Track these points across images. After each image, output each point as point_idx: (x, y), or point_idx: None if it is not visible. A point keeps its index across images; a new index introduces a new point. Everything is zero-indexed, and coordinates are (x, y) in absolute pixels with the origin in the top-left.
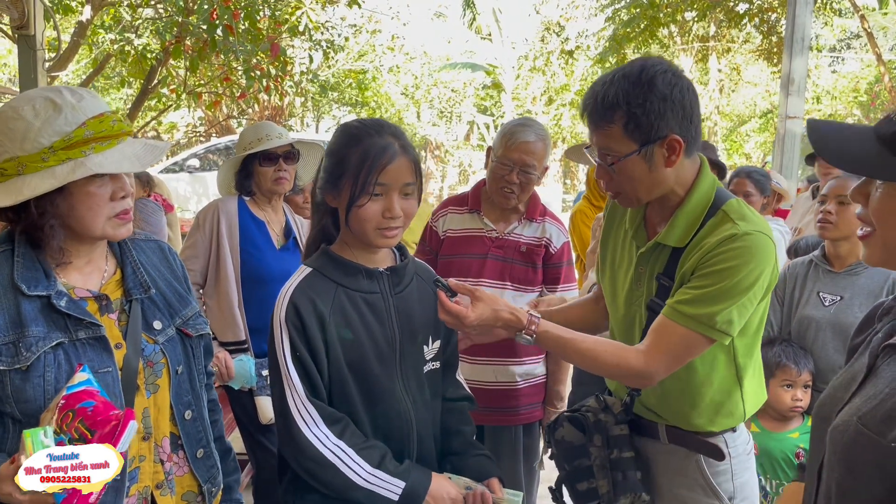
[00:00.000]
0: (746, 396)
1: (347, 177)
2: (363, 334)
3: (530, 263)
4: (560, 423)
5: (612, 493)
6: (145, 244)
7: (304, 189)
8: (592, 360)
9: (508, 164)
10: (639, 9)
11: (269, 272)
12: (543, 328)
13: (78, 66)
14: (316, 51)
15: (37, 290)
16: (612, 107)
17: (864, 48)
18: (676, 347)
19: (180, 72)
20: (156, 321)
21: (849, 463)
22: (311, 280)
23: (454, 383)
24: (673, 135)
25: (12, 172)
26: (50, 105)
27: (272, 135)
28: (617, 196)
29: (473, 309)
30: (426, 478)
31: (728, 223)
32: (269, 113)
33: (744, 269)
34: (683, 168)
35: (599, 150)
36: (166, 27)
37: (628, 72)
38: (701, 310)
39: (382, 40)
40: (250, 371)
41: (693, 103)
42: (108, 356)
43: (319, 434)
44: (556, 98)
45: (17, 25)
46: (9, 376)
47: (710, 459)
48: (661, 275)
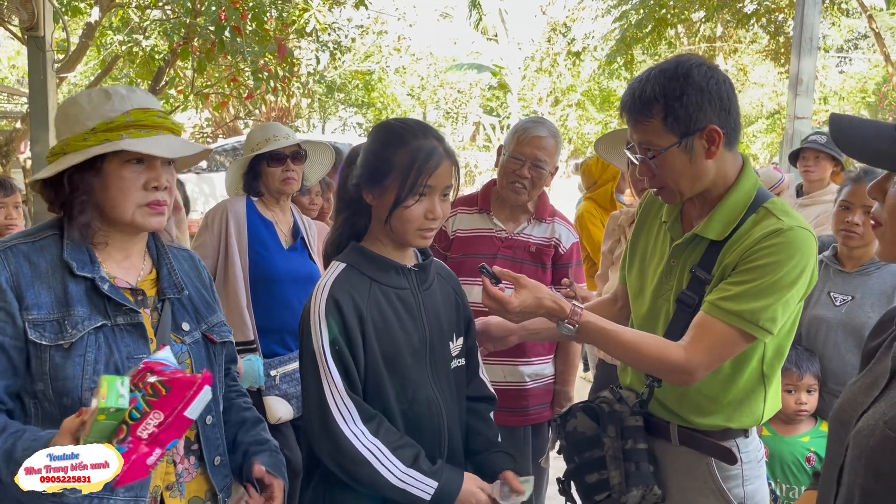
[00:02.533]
0: (768, 398)
1: (394, 176)
2: (398, 329)
3: (540, 263)
4: (573, 413)
5: (625, 484)
6: (178, 252)
7: (310, 190)
8: (634, 352)
9: (520, 158)
10: (645, 9)
11: (278, 272)
12: (586, 318)
13: (86, 68)
14: (323, 52)
15: (83, 272)
16: (650, 101)
17: (872, 48)
18: (717, 344)
19: (188, 73)
20: (184, 322)
21: (875, 467)
22: (348, 275)
23: (477, 382)
24: (712, 125)
25: (59, 152)
26: (103, 94)
27: (279, 135)
28: (660, 192)
29: (517, 295)
30: (458, 478)
31: (772, 218)
32: (276, 114)
33: (787, 264)
34: (725, 162)
35: (640, 145)
36: (174, 28)
37: (664, 67)
38: (744, 306)
39: (389, 41)
40: (259, 371)
41: (730, 95)
42: (144, 343)
43: (357, 431)
44: (562, 99)
45: (26, 27)
46: (49, 353)
47: (722, 463)
48: (697, 266)
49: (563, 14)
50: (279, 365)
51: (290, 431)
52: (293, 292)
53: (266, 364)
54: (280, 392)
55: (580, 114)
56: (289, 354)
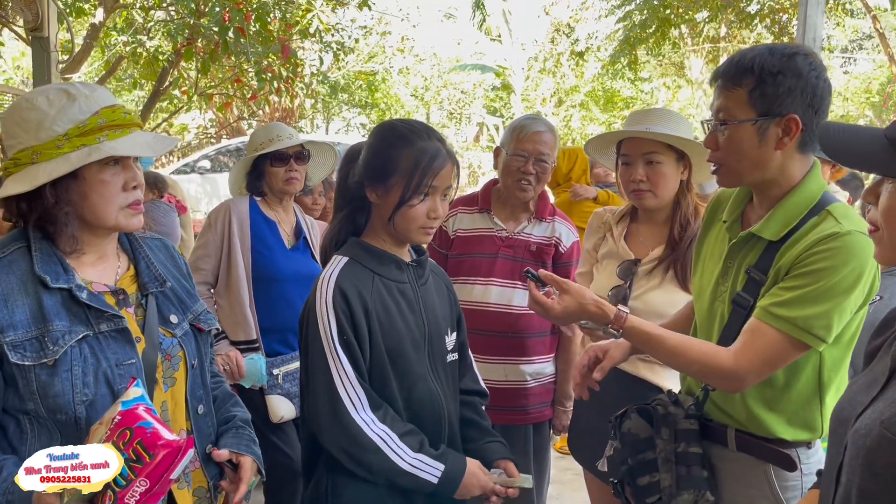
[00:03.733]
0: (826, 411)
1: (398, 176)
2: (400, 322)
3: (540, 263)
4: (628, 414)
5: (675, 487)
6: (151, 241)
7: (313, 190)
8: (681, 357)
9: (524, 154)
10: (649, 9)
11: (280, 272)
12: (631, 323)
13: (90, 68)
14: (326, 52)
15: (58, 283)
16: (746, 70)
17: (876, 49)
18: (768, 351)
19: (192, 73)
20: (172, 315)
21: (871, 467)
22: (351, 268)
23: (471, 377)
24: (793, 115)
25: (26, 161)
26: (64, 95)
27: (283, 136)
28: (718, 171)
29: (560, 301)
30: (462, 462)
31: (831, 221)
32: (279, 114)
33: (843, 269)
34: (793, 160)
35: (717, 112)
36: (178, 29)
37: (774, 46)
38: (797, 312)
39: (392, 42)
40: (261, 370)
41: (825, 95)
42: (130, 348)
43: (367, 418)
44: (565, 99)
45: (31, 28)
46: (34, 372)
47: (781, 471)
48: (753, 268)
49: (566, 14)
50: (281, 364)
51: (292, 430)
52: (296, 292)
53: (268, 363)
54: (282, 391)
55: (584, 114)
56: (291, 353)
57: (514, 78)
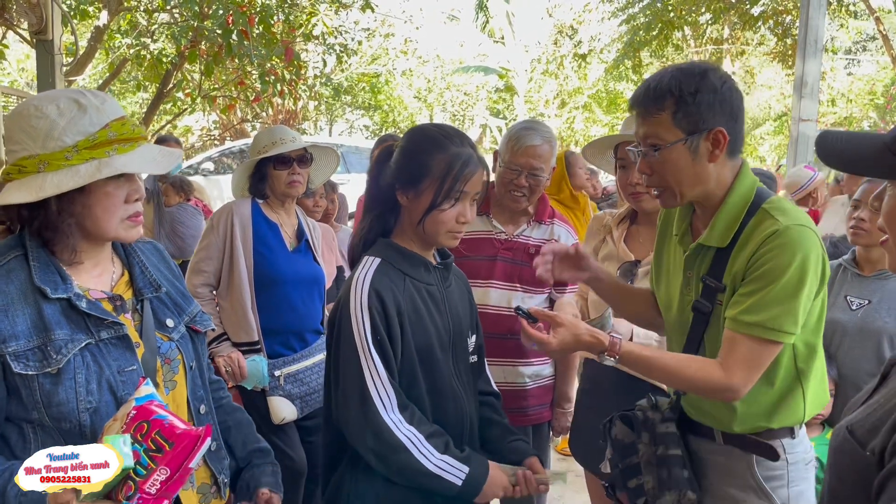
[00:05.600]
0: (808, 396)
1: (431, 180)
2: (429, 323)
3: None
4: (613, 421)
5: (658, 488)
6: (143, 245)
7: (315, 192)
8: (678, 376)
9: (516, 168)
10: (652, 12)
11: (282, 274)
12: (626, 348)
13: (95, 71)
14: (329, 55)
15: (58, 293)
16: (664, 94)
17: (880, 50)
18: (750, 358)
19: (195, 76)
20: (168, 319)
21: (837, 469)
22: (385, 269)
23: (485, 379)
24: (719, 128)
25: (32, 170)
26: (74, 105)
27: (286, 138)
28: (660, 195)
29: (555, 335)
30: (485, 464)
31: (769, 220)
32: (282, 117)
33: (791, 265)
34: (724, 168)
35: (645, 139)
36: (182, 32)
37: (682, 66)
38: (763, 315)
39: (395, 44)
40: (263, 371)
41: (739, 105)
42: (131, 355)
43: (395, 418)
44: (568, 101)
45: (35, 30)
46: (37, 381)
47: (764, 461)
48: (706, 276)
49: (569, 17)
50: (283, 366)
51: (293, 432)
52: (297, 294)
53: (270, 365)
54: (284, 392)
55: (587, 116)
56: (292, 355)
57: (517, 80)
